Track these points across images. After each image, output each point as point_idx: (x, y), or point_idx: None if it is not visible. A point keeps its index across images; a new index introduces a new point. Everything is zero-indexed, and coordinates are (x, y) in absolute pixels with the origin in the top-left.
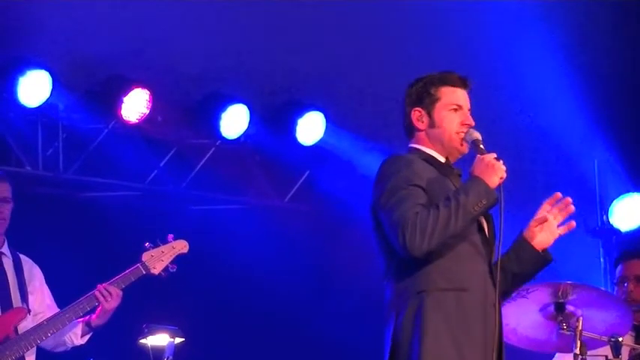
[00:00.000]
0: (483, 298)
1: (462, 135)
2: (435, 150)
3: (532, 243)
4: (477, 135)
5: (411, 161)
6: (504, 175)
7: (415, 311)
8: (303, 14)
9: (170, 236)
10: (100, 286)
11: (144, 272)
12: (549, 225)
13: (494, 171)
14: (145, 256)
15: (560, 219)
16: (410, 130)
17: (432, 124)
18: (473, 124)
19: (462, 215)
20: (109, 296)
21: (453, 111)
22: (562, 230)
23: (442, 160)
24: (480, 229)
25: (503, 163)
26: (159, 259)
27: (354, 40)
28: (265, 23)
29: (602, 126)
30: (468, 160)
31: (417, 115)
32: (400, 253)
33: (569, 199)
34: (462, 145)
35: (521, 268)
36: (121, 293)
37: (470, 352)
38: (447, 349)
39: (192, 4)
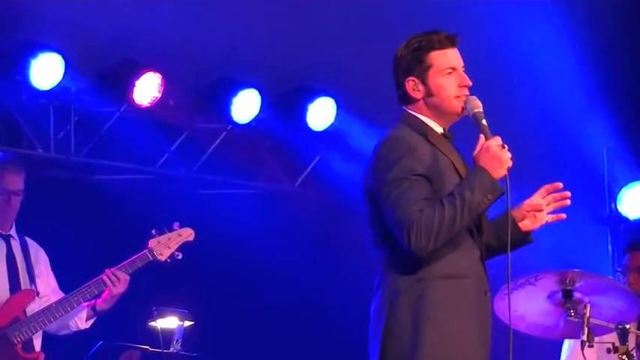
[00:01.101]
0: (479, 284)
1: (463, 98)
2: (433, 119)
3: (519, 224)
4: (478, 105)
5: (411, 145)
6: (510, 164)
7: (416, 299)
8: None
9: (176, 224)
10: (108, 271)
11: (151, 258)
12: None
13: (500, 163)
14: (152, 243)
15: (551, 208)
16: (406, 99)
17: (428, 93)
18: (470, 83)
19: (468, 213)
20: (116, 281)
21: (448, 75)
22: (550, 219)
23: (439, 131)
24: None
25: (509, 150)
26: (165, 245)
27: (366, 27)
28: (277, 9)
29: (611, 115)
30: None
31: (412, 85)
32: (405, 251)
33: (568, 193)
34: (462, 110)
35: (501, 244)
36: (128, 278)
37: (469, 339)
38: (448, 338)
39: None
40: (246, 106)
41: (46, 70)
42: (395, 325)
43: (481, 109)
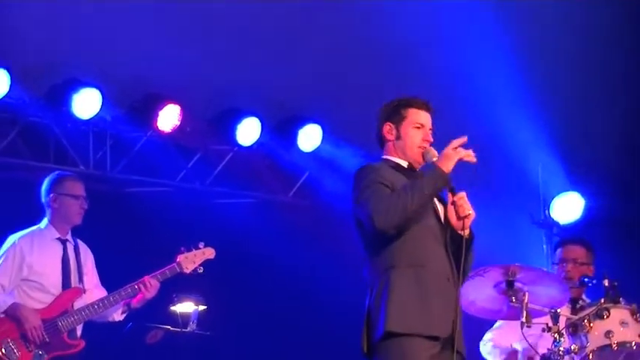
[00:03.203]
0: (438, 272)
1: (423, 149)
2: (400, 158)
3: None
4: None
5: (377, 168)
6: (462, 156)
7: (384, 283)
8: (306, 45)
9: (201, 244)
10: (144, 279)
11: (178, 270)
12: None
13: (448, 159)
14: (180, 258)
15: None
16: (381, 140)
17: (398, 137)
18: (431, 140)
19: (418, 194)
20: (150, 287)
21: (417, 128)
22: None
23: (405, 165)
24: (438, 218)
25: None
26: (191, 260)
27: (349, 67)
28: (275, 53)
29: (546, 135)
30: None
31: (388, 129)
32: (374, 232)
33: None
34: (421, 158)
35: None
36: (158, 285)
37: (427, 315)
38: (406, 310)
39: (217, 38)
40: (249, 131)
41: (87, 103)
42: (373, 306)
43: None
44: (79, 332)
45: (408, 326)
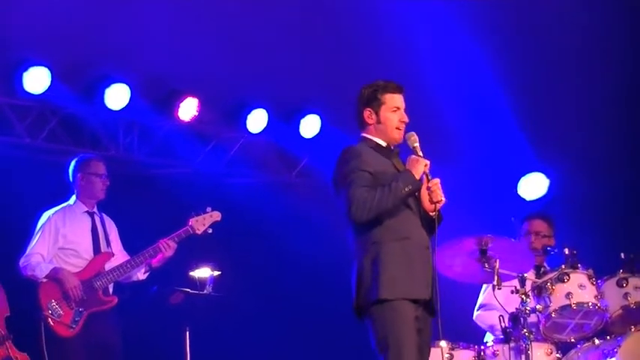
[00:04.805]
0: (420, 242)
1: (401, 129)
2: (380, 138)
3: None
4: (416, 140)
5: (360, 152)
6: (427, 164)
7: (373, 257)
8: (306, 46)
9: (209, 208)
10: (162, 240)
11: (191, 232)
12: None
13: (416, 166)
14: (192, 221)
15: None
16: (362, 124)
17: (378, 121)
18: (407, 120)
19: (392, 196)
20: (168, 248)
21: (393, 112)
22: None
23: (384, 145)
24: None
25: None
26: (201, 223)
27: (345, 65)
28: (280, 53)
29: (514, 120)
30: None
31: (368, 114)
32: (350, 221)
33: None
34: (399, 136)
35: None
36: (176, 246)
37: (414, 281)
38: (396, 280)
39: (229, 40)
40: (257, 121)
41: (117, 96)
42: (362, 275)
43: (417, 144)
44: (110, 290)
45: (399, 293)
